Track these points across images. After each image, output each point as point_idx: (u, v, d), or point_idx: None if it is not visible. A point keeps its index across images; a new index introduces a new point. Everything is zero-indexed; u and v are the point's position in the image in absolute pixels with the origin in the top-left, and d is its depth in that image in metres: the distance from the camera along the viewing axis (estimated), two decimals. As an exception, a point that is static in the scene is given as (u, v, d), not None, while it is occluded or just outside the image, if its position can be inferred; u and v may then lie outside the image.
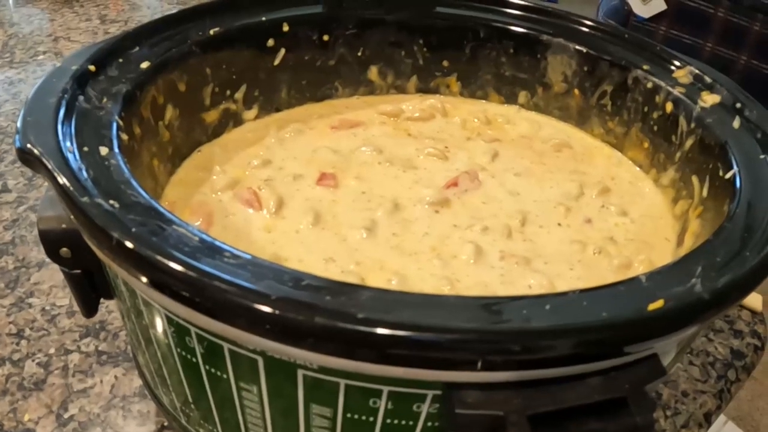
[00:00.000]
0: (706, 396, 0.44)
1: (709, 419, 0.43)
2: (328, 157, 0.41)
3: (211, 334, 0.25)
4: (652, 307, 0.23)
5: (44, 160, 0.27)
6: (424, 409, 0.24)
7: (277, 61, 0.44)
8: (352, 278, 0.32)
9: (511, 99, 0.48)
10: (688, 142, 0.38)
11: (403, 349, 0.22)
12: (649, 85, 0.41)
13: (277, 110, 0.45)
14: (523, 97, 0.47)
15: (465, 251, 0.34)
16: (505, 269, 0.34)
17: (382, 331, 0.21)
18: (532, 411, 0.22)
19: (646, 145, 0.42)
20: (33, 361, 0.42)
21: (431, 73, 0.48)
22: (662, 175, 0.41)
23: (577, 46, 0.44)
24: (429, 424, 0.25)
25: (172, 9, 0.41)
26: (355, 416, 0.25)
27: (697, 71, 0.40)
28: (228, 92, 0.42)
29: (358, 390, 0.24)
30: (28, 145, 0.28)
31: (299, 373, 0.24)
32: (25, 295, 0.47)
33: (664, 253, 0.37)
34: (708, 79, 0.39)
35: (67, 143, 0.29)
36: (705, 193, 0.36)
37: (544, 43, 0.45)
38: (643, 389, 0.23)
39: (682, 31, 0.98)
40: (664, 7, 0.97)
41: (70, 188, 0.26)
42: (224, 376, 0.26)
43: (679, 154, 0.39)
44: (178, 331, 0.26)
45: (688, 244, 0.35)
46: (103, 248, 0.25)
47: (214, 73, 0.41)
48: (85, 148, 0.29)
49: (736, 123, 0.36)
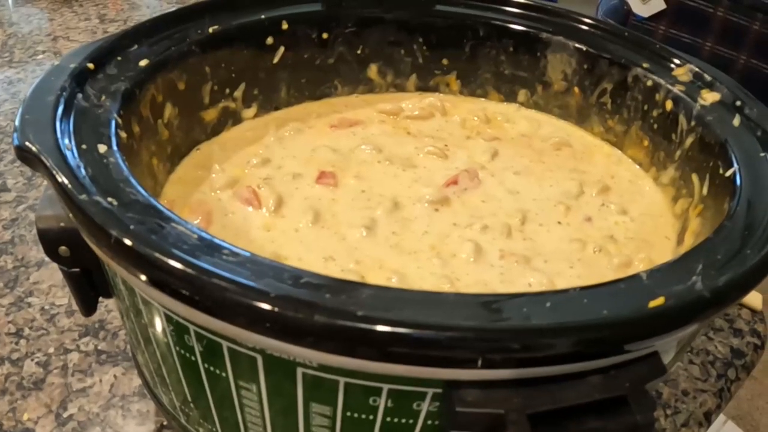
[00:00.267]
0: (706, 395, 0.44)
1: (709, 418, 0.43)
2: (328, 155, 0.41)
3: (210, 333, 0.25)
4: (652, 304, 0.23)
5: (42, 158, 0.27)
6: (424, 407, 0.24)
7: (276, 60, 0.43)
8: (352, 277, 0.32)
9: (510, 97, 0.48)
10: (688, 141, 0.38)
11: (403, 347, 0.21)
12: (649, 83, 0.41)
13: (277, 109, 0.45)
14: (523, 95, 0.47)
15: (465, 250, 0.34)
16: (505, 268, 0.34)
17: (381, 328, 0.21)
18: (532, 409, 0.22)
19: (646, 143, 0.42)
20: (32, 360, 0.42)
21: (431, 72, 0.48)
22: (662, 174, 0.41)
23: (577, 45, 0.44)
24: (429, 422, 0.25)
25: (172, 8, 0.40)
26: (355, 415, 0.25)
27: (697, 69, 0.40)
28: (227, 91, 0.42)
29: (357, 388, 0.24)
30: (26, 143, 0.28)
31: (299, 371, 0.24)
32: (25, 294, 0.47)
33: (664, 252, 0.36)
34: (708, 77, 0.39)
35: (66, 141, 0.29)
36: (705, 191, 0.36)
37: (544, 42, 0.45)
38: (643, 388, 0.23)
39: (682, 31, 0.98)
40: (664, 6, 0.97)
41: (69, 186, 0.26)
42: (223, 374, 0.26)
43: (679, 153, 0.39)
44: (177, 330, 0.26)
45: (688, 243, 0.35)
46: (101, 246, 0.25)
47: (213, 71, 0.41)
48: (84, 146, 0.29)
49: (736, 121, 0.36)
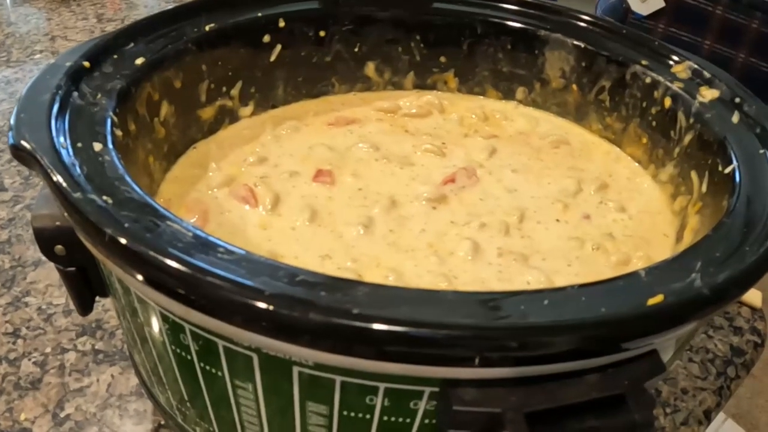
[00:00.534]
0: (706, 393, 0.44)
1: (708, 416, 0.43)
2: (325, 153, 0.41)
3: (205, 331, 0.25)
4: (651, 302, 0.23)
5: (37, 157, 0.27)
6: (421, 406, 0.24)
7: (273, 58, 0.43)
8: (349, 275, 0.32)
9: (508, 95, 0.48)
10: (687, 138, 0.38)
11: (400, 346, 0.21)
12: (648, 80, 0.41)
13: (273, 107, 0.45)
14: (521, 93, 0.47)
15: (462, 248, 0.34)
16: (503, 266, 0.34)
17: (378, 327, 0.21)
18: (530, 408, 0.22)
19: (645, 140, 0.42)
20: (29, 360, 0.42)
21: (428, 70, 0.48)
22: (661, 171, 0.41)
23: (575, 42, 0.44)
24: (426, 421, 0.25)
25: (169, 7, 0.40)
26: (352, 413, 0.25)
27: (696, 66, 0.40)
28: (224, 89, 0.42)
29: (354, 387, 0.24)
30: (21, 142, 0.28)
31: (294, 370, 0.24)
32: (21, 294, 0.46)
33: (663, 249, 0.36)
34: (707, 74, 0.39)
35: (61, 139, 0.29)
36: (704, 188, 0.36)
37: (542, 39, 0.44)
38: (642, 386, 0.23)
39: (681, 29, 0.98)
40: (663, 4, 0.97)
41: (63, 184, 0.26)
42: (219, 373, 0.26)
43: (677, 150, 0.39)
44: (173, 329, 0.26)
45: (687, 240, 0.35)
46: (96, 245, 0.25)
47: (210, 69, 0.41)
48: (79, 145, 0.29)
49: (735, 118, 0.36)
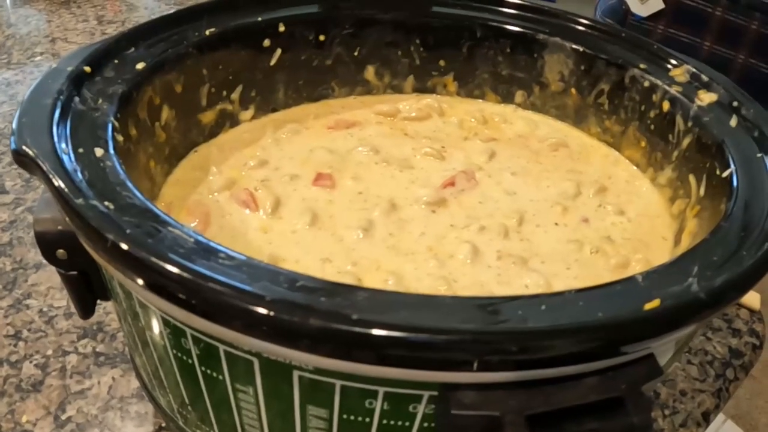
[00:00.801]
0: (705, 395, 0.44)
1: (707, 418, 0.43)
2: (325, 157, 0.41)
3: (206, 336, 0.25)
4: (648, 306, 0.23)
5: (39, 162, 0.27)
6: (421, 409, 0.24)
7: (273, 62, 0.43)
8: (349, 278, 0.32)
9: (507, 98, 0.48)
10: (685, 141, 0.38)
11: (399, 350, 0.21)
12: (646, 83, 0.41)
13: (274, 110, 0.45)
14: (520, 96, 0.47)
15: (461, 251, 0.34)
16: (502, 269, 0.34)
17: (377, 332, 0.21)
18: (529, 411, 0.22)
19: (643, 144, 0.42)
20: (31, 362, 0.42)
21: (428, 73, 0.48)
22: (659, 174, 0.41)
23: (574, 45, 0.44)
24: (425, 424, 0.25)
25: (170, 9, 0.40)
26: (352, 417, 0.25)
27: (694, 70, 0.40)
28: (224, 93, 0.42)
29: (353, 391, 0.24)
30: (23, 147, 0.28)
31: (295, 374, 0.24)
32: (23, 296, 0.47)
33: (662, 253, 0.36)
34: (705, 78, 0.39)
35: (63, 145, 0.29)
36: (702, 192, 0.36)
37: (541, 42, 0.45)
38: (639, 389, 0.23)
39: (680, 30, 0.98)
40: (662, 6, 0.97)
41: (65, 190, 0.26)
42: (220, 377, 0.26)
43: (676, 153, 0.39)
44: (174, 333, 0.26)
45: (686, 244, 0.35)
46: (98, 250, 0.25)
47: (211, 73, 0.41)
48: (81, 150, 0.29)
49: (733, 121, 0.36)
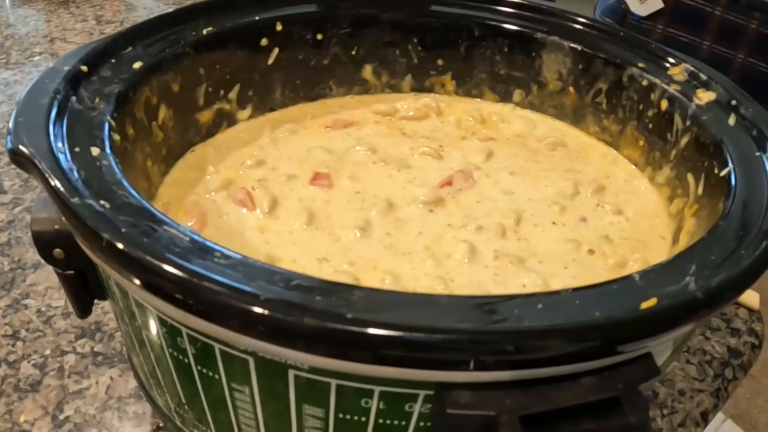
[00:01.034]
0: (703, 395, 0.44)
1: (706, 418, 0.43)
2: (322, 156, 0.41)
3: (202, 335, 0.25)
4: (645, 305, 0.23)
5: (36, 162, 0.27)
6: (416, 409, 0.24)
7: (270, 61, 0.43)
8: (346, 278, 0.32)
9: (506, 97, 0.48)
10: (684, 140, 0.38)
11: (394, 350, 0.21)
12: (645, 82, 0.41)
13: (271, 110, 0.45)
14: (518, 95, 0.47)
15: (459, 250, 0.34)
16: (499, 268, 0.34)
17: (372, 331, 0.21)
18: (524, 411, 0.22)
19: (642, 143, 0.42)
20: (29, 362, 0.42)
21: (426, 72, 0.48)
22: (658, 173, 0.41)
23: (572, 44, 0.44)
24: (421, 424, 0.25)
25: (168, 9, 0.40)
26: (347, 416, 0.25)
27: (693, 68, 0.40)
28: (222, 92, 0.42)
29: (349, 390, 0.24)
30: (19, 147, 0.28)
31: (290, 373, 0.24)
32: (21, 296, 0.47)
33: (660, 252, 0.36)
34: (703, 77, 0.39)
35: (59, 144, 0.29)
36: (700, 191, 0.36)
37: (539, 42, 0.45)
38: (636, 389, 0.23)
39: (680, 30, 0.98)
40: (661, 5, 0.97)
41: (61, 189, 0.26)
42: (216, 376, 0.26)
43: (674, 152, 0.39)
44: (170, 332, 0.26)
45: (684, 243, 0.35)
46: (93, 249, 0.25)
47: (208, 73, 0.41)
48: (77, 149, 0.29)
49: (732, 120, 0.36)
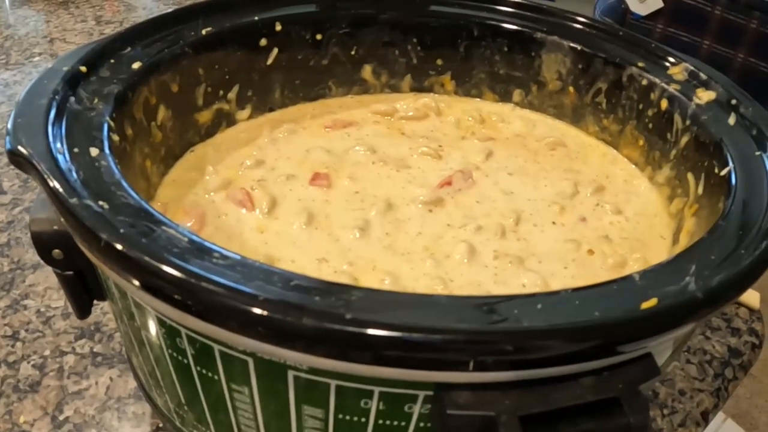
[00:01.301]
0: (704, 394, 0.44)
1: (706, 418, 0.43)
2: (322, 157, 0.41)
3: (201, 336, 0.25)
4: (645, 305, 0.23)
5: (34, 162, 0.27)
6: (416, 409, 0.24)
7: (270, 61, 0.43)
8: (345, 278, 0.32)
9: (505, 97, 0.48)
10: (684, 140, 0.38)
11: (393, 350, 0.21)
12: (644, 82, 0.41)
13: (271, 110, 0.45)
14: (518, 95, 0.47)
15: (458, 251, 0.34)
16: (499, 269, 0.34)
17: (371, 331, 0.21)
18: (524, 412, 0.22)
19: (642, 142, 0.42)
20: (28, 363, 0.42)
21: (425, 72, 0.48)
22: (657, 173, 0.41)
23: (572, 44, 0.44)
24: (421, 424, 0.25)
25: (168, 9, 0.40)
26: (347, 417, 0.25)
27: (692, 68, 0.40)
28: (221, 92, 0.42)
29: (349, 391, 0.24)
30: (18, 147, 0.28)
31: (290, 374, 0.24)
32: (20, 297, 0.47)
33: (660, 252, 0.36)
34: (703, 76, 0.39)
35: (58, 145, 0.29)
36: (700, 190, 0.36)
37: (539, 41, 0.45)
38: (636, 389, 0.23)
39: (680, 29, 0.98)
40: (661, 5, 0.97)
41: (60, 190, 0.26)
42: (215, 377, 0.26)
43: (674, 152, 0.39)
44: (169, 333, 0.26)
45: (684, 243, 0.35)
46: (92, 250, 0.25)
47: (207, 73, 0.41)
48: (76, 150, 0.29)
49: (732, 120, 0.36)
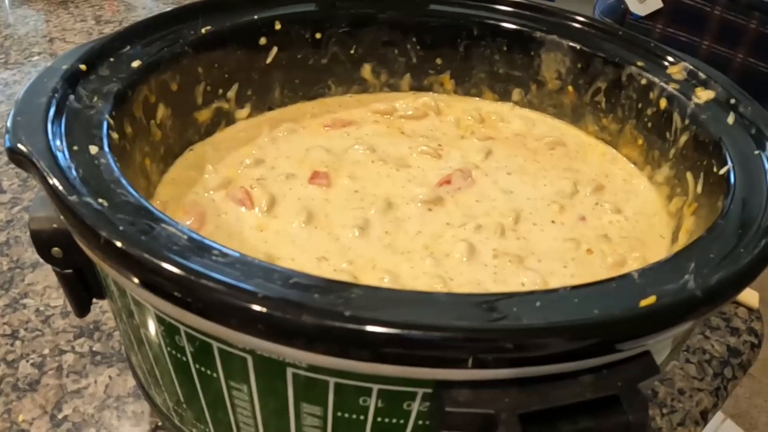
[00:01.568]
0: (703, 394, 0.44)
1: (705, 417, 0.43)
2: (321, 156, 0.41)
3: (200, 333, 0.25)
4: (643, 303, 0.23)
5: (34, 160, 0.27)
6: (415, 407, 0.24)
7: (269, 60, 0.43)
8: (345, 277, 0.32)
9: (504, 97, 0.48)
10: (683, 139, 0.38)
11: (392, 348, 0.21)
12: (643, 81, 0.41)
13: (270, 109, 0.45)
14: (517, 94, 0.47)
15: (458, 249, 0.34)
16: (498, 267, 0.34)
17: (370, 329, 0.21)
18: (523, 409, 0.22)
19: (641, 142, 0.42)
20: (27, 361, 0.42)
21: (425, 71, 0.48)
22: (657, 172, 0.41)
23: (571, 43, 0.44)
24: (420, 422, 0.25)
25: (167, 8, 0.40)
26: (346, 415, 0.25)
27: (692, 67, 0.40)
28: (220, 91, 0.42)
29: (348, 388, 0.24)
30: (18, 145, 0.28)
31: (288, 371, 0.24)
32: (20, 295, 0.46)
33: (659, 251, 0.36)
34: (702, 75, 0.39)
35: (57, 142, 0.29)
36: (699, 189, 0.36)
37: (538, 41, 0.45)
38: (636, 387, 0.23)
39: (679, 30, 0.98)
40: (661, 5, 0.97)
41: (59, 187, 0.26)
42: (214, 375, 0.26)
43: (673, 151, 0.39)
44: (168, 331, 0.26)
45: (683, 242, 0.35)
46: (91, 247, 0.25)
47: (207, 72, 0.41)
48: (75, 148, 0.29)
49: (731, 119, 0.36)
